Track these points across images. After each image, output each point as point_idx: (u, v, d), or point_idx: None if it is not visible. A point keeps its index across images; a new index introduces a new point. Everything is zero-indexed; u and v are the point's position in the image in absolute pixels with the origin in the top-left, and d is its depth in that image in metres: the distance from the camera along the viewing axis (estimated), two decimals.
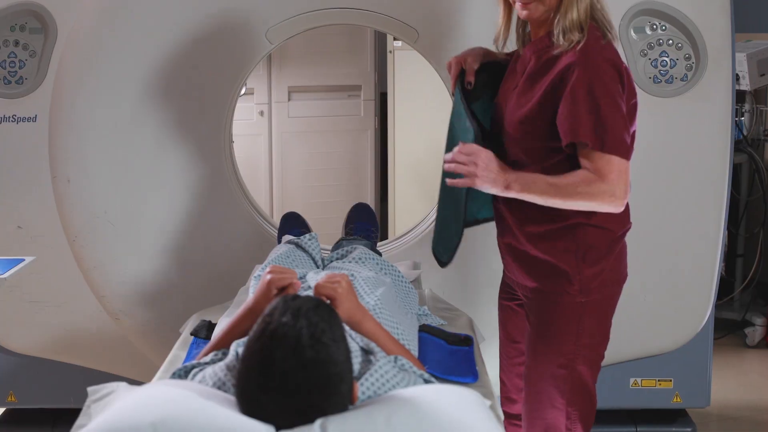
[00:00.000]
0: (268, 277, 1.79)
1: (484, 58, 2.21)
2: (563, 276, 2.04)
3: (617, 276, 2.11)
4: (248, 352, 1.40)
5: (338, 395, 1.39)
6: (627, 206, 2.09)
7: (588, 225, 2.02)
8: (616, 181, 1.93)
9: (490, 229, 2.80)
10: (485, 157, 2.00)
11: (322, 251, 2.51)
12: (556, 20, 1.98)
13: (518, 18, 2.09)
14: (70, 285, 2.87)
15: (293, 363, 1.35)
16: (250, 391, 1.38)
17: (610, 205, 1.96)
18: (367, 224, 2.79)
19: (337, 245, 2.63)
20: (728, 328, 4.19)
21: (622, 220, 2.08)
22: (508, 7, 2.11)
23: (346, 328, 1.73)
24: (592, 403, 2.13)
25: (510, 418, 2.31)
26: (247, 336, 1.46)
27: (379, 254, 2.55)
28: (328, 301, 1.74)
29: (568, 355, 2.07)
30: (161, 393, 1.43)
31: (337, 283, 1.79)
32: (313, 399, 1.36)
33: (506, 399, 2.32)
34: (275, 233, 2.91)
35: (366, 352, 1.70)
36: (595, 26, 1.99)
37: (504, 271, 2.27)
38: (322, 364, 1.36)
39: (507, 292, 2.26)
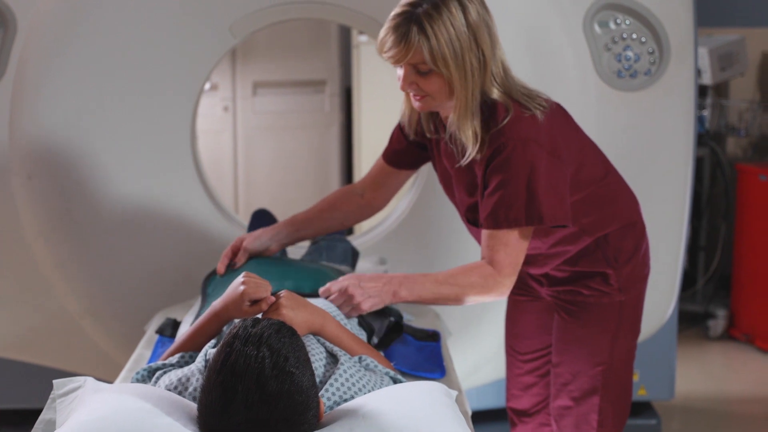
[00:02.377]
0: (242, 287, 1.72)
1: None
2: (600, 277, 2.06)
3: (645, 270, 2.14)
4: (210, 384, 1.35)
5: (305, 423, 1.36)
6: (631, 195, 2.12)
7: (608, 235, 2.04)
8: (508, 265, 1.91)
9: (456, 225, 2.82)
10: (352, 281, 1.91)
11: (293, 247, 2.49)
12: (456, 124, 1.89)
13: None
14: (33, 284, 2.83)
15: (257, 397, 1.31)
16: (213, 423, 1.34)
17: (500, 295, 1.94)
18: None
19: (315, 242, 2.63)
20: (691, 321, 4.24)
21: (633, 210, 2.10)
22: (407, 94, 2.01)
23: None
24: (627, 399, 2.16)
25: (518, 415, 2.32)
26: (217, 342, 1.42)
27: (357, 253, 2.55)
28: None
29: (604, 354, 2.08)
30: (123, 408, 1.38)
31: (278, 306, 1.72)
32: (279, 429, 1.33)
33: (512, 396, 2.32)
34: (240, 230, 2.89)
35: (331, 354, 1.68)
36: (510, 102, 1.90)
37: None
38: (287, 396, 1.33)
39: (523, 288, 2.20)
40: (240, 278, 1.75)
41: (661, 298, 2.94)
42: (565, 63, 2.74)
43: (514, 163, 1.85)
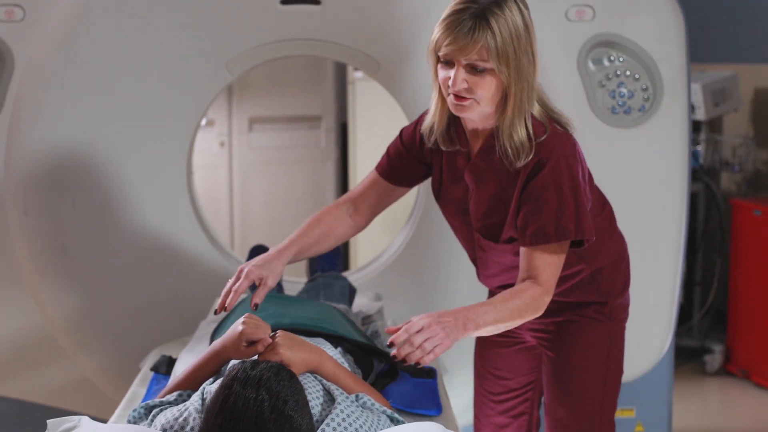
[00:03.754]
0: (241, 327, 1.72)
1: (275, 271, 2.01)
2: (594, 306, 2.06)
3: (627, 311, 2.15)
4: (208, 426, 1.34)
5: None
6: (620, 231, 2.12)
7: (603, 268, 2.05)
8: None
9: (452, 260, 2.82)
10: (431, 319, 1.73)
11: (290, 282, 2.49)
12: (499, 145, 1.86)
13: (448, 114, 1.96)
14: (26, 319, 2.82)
15: None
16: None
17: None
18: (331, 256, 2.79)
19: (313, 280, 2.62)
20: (687, 356, 4.23)
21: (624, 245, 2.12)
22: (443, 100, 1.91)
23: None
24: None
25: None
26: (214, 380, 1.41)
27: (354, 290, 2.55)
28: None
29: (597, 390, 2.08)
30: None
31: (275, 346, 1.70)
32: None
33: None
34: (236, 265, 2.88)
35: (328, 392, 1.67)
36: (547, 119, 1.89)
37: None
38: None
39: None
40: (241, 318, 1.75)
41: (657, 334, 2.94)
42: (560, 99, 2.74)
43: (560, 177, 1.84)
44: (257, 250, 2.79)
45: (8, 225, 2.75)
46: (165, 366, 2.21)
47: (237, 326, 1.73)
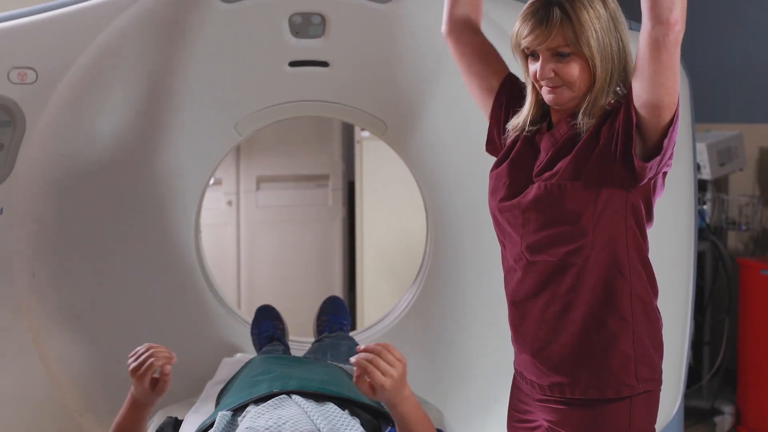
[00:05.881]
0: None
1: None
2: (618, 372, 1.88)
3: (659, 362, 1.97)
4: None
5: None
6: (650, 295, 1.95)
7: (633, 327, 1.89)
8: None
9: (460, 319, 2.81)
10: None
11: (296, 343, 2.48)
12: (584, 106, 1.87)
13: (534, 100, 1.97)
14: (33, 380, 2.81)
15: None
16: None
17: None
18: (339, 317, 2.78)
19: (320, 340, 2.62)
20: (697, 417, 4.18)
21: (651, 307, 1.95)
22: (536, 91, 1.96)
23: None
24: None
25: None
26: None
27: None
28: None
29: None
30: None
31: (393, 368, 1.70)
32: None
33: None
34: (242, 325, 2.88)
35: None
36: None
37: (516, 375, 2.05)
38: None
39: (520, 408, 2.01)
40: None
41: (666, 395, 2.90)
42: None
43: None
44: (263, 310, 2.79)
45: (16, 286, 2.76)
46: (171, 427, 2.20)
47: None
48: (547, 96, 1.88)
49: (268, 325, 2.74)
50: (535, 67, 1.87)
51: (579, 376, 1.89)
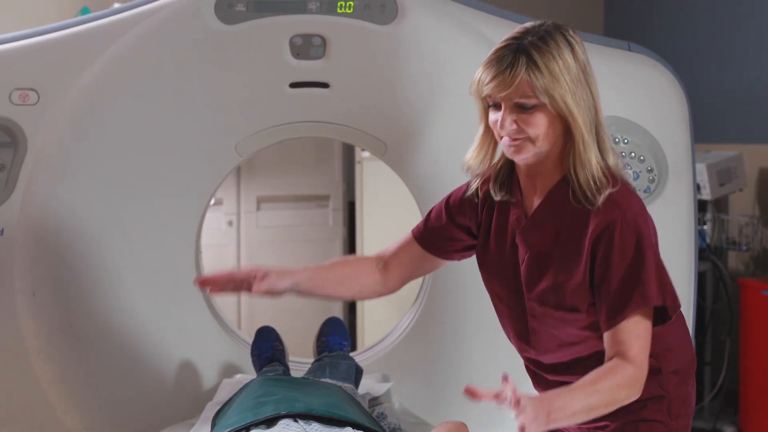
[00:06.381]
0: None
1: None
2: (653, 401, 1.81)
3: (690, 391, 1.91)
4: None
5: None
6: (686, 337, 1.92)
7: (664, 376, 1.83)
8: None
9: (461, 341, 2.80)
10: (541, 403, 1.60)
11: (296, 363, 2.48)
12: (572, 184, 1.73)
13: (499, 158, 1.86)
14: (32, 401, 2.80)
15: None
16: None
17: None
18: (338, 338, 2.78)
19: (319, 360, 2.61)
20: None
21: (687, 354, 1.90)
22: (494, 143, 1.81)
23: None
24: None
25: None
26: None
27: (361, 371, 2.54)
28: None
29: None
30: None
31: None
32: None
33: None
34: (242, 346, 2.88)
35: None
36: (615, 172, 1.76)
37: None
38: None
39: None
40: None
41: None
42: None
43: (635, 237, 1.69)
44: (263, 331, 2.79)
45: (16, 305, 2.76)
46: None
47: None
48: (507, 149, 1.75)
49: (267, 347, 2.73)
50: (496, 116, 1.74)
51: (610, 424, 1.83)
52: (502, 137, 1.75)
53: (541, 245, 1.79)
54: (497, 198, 1.87)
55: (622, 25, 5.36)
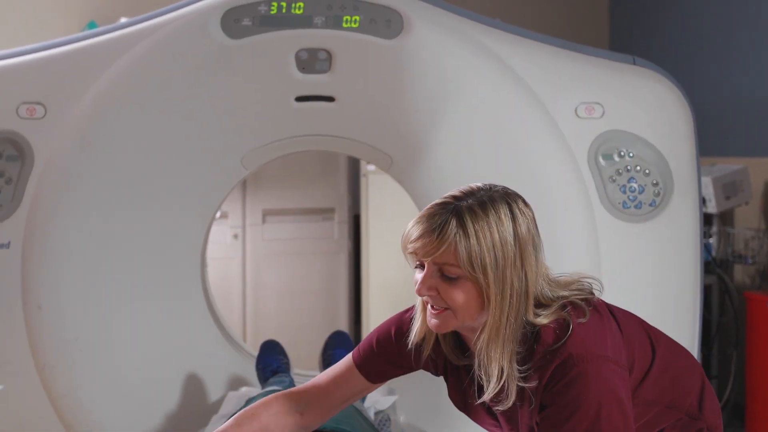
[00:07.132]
0: None
1: None
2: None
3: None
4: None
5: None
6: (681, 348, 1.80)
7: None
8: None
9: None
10: None
11: (301, 376, 2.48)
12: (478, 375, 1.59)
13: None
14: (38, 414, 2.80)
15: None
16: None
17: None
18: (344, 351, 2.78)
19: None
20: None
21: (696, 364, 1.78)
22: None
23: None
24: None
25: None
26: None
27: None
28: None
29: None
30: None
31: None
32: None
33: None
34: (248, 359, 2.88)
35: None
36: (564, 315, 1.57)
37: None
38: None
39: None
40: None
41: None
42: (571, 194, 2.78)
43: (583, 392, 1.52)
44: (268, 345, 2.79)
45: (23, 319, 2.76)
46: None
47: None
48: (431, 320, 1.59)
49: (272, 360, 2.74)
50: (416, 277, 1.59)
51: None
52: (427, 303, 1.61)
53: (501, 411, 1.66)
54: (459, 363, 1.73)
55: (627, 39, 5.37)
